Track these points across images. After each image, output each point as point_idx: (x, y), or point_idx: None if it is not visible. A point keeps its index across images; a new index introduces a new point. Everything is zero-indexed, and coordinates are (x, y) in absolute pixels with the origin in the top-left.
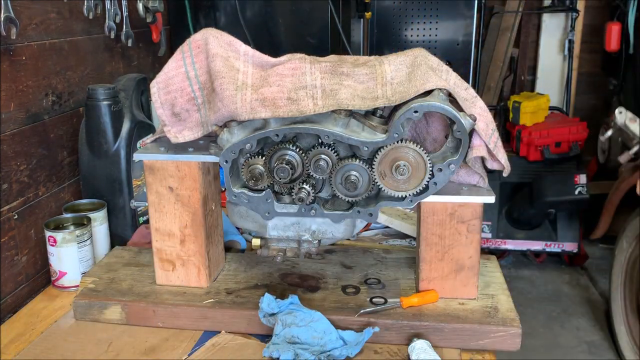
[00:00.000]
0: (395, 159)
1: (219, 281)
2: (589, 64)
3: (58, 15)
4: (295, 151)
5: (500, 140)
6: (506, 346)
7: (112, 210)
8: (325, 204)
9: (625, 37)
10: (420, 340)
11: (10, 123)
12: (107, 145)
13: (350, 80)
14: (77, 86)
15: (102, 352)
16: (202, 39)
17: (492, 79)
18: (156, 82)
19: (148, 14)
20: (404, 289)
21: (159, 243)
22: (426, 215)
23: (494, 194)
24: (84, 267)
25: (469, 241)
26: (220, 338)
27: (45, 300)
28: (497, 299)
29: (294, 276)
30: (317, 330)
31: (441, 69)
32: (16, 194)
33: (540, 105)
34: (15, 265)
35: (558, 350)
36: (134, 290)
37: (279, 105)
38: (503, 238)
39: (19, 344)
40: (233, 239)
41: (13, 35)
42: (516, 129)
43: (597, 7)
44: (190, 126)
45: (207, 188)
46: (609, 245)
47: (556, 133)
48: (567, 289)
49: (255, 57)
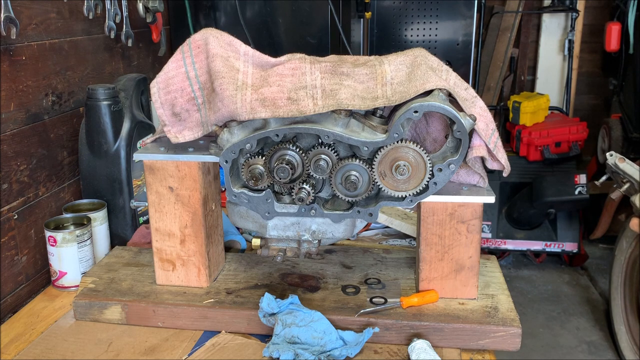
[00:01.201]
0: (395, 159)
1: (219, 281)
2: (589, 64)
3: (58, 15)
4: (295, 151)
5: (500, 140)
6: (506, 346)
7: (112, 210)
8: (325, 204)
9: (625, 37)
10: (420, 340)
11: (10, 123)
12: (107, 145)
13: (350, 80)
14: (77, 86)
15: (102, 352)
16: (202, 39)
17: (492, 79)
18: (156, 82)
19: (148, 14)
20: (404, 289)
21: (159, 243)
22: (426, 215)
23: (494, 194)
24: (84, 267)
25: (469, 241)
26: (220, 338)
27: (45, 300)
28: (497, 299)
29: (294, 276)
30: (317, 330)
31: (441, 69)
32: (16, 194)
33: (540, 105)
34: (15, 265)
35: (558, 350)
36: (134, 290)
37: (279, 105)
38: (503, 238)
39: (19, 344)
40: (233, 239)
41: (13, 35)
42: (516, 129)
43: (597, 7)
44: (190, 126)
45: (207, 188)
46: (609, 245)
47: (556, 133)
48: (567, 289)
49: (255, 57)
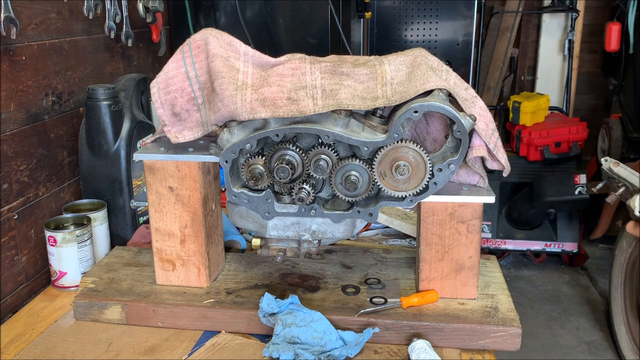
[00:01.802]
0: (395, 159)
1: (219, 281)
2: (589, 64)
3: (58, 15)
4: (295, 151)
5: (500, 140)
6: (506, 346)
7: (112, 210)
8: (325, 204)
9: (625, 37)
10: (420, 340)
11: (10, 123)
12: (107, 145)
13: (350, 80)
14: (77, 86)
15: (102, 352)
16: (202, 39)
17: (492, 79)
18: (156, 82)
19: (148, 14)
20: (404, 289)
21: (159, 243)
22: (426, 215)
23: (494, 194)
24: (84, 267)
25: (469, 241)
26: (220, 338)
27: (45, 300)
28: (497, 299)
29: (294, 276)
30: (317, 330)
31: (441, 68)
32: (16, 194)
33: (540, 105)
34: (15, 265)
35: (558, 350)
36: (134, 290)
37: (279, 105)
38: (503, 238)
39: (19, 344)
40: (233, 239)
41: (13, 35)
42: (516, 129)
43: (597, 7)
44: (190, 126)
45: (207, 188)
46: (609, 245)
47: (556, 133)
48: (567, 289)
49: (255, 57)
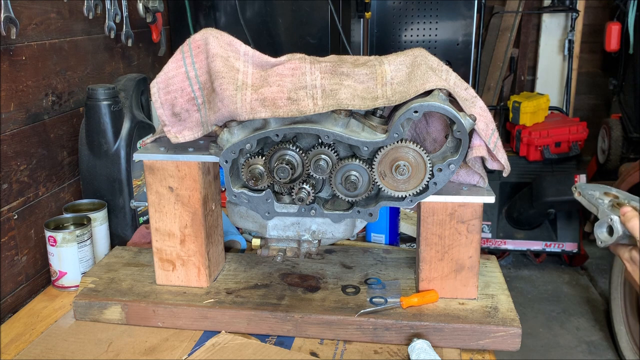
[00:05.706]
0: (395, 159)
1: (219, 281)
2: (589, 64)
3: (58, 15)
4: (295, 151)
5: (500, 140)
6: (506, 346)
7: (112, 210)
8: (325, 204)
9: (625, 37)
10: (420, 340)
11: (10, 123)
12: (107, 145)
13: (350, 80)
14: (77, 86)
15: (102, 352)
16: (202, 39)
17: (492, 79)
18: (156, 82)
19: (148, 14)
20: (404, 289)
21: (159, 243)
22: (426, 215)
23: (494, 194)
24: (84, 267)
25: (469, 241)
26: (220, 338)
27: (45, 300)
28: (497, 299)
29: (294, 276)
30: None
31: (441, 68)
32: (16, 194)
33: (540, 105)
34: (15, 265)
35: (558, 350)
36: (134, 290)
37: (279, 105)
38: (503, 238)
39: (19, 344)
40: (233, 239)
41: (13, 35)
42: (516, 129)
43: (597, 7)
44: (190, 126)
45: (207, 188)
46: None
47: (556, 133)
48: (567, 289)
49: (255, 57)
